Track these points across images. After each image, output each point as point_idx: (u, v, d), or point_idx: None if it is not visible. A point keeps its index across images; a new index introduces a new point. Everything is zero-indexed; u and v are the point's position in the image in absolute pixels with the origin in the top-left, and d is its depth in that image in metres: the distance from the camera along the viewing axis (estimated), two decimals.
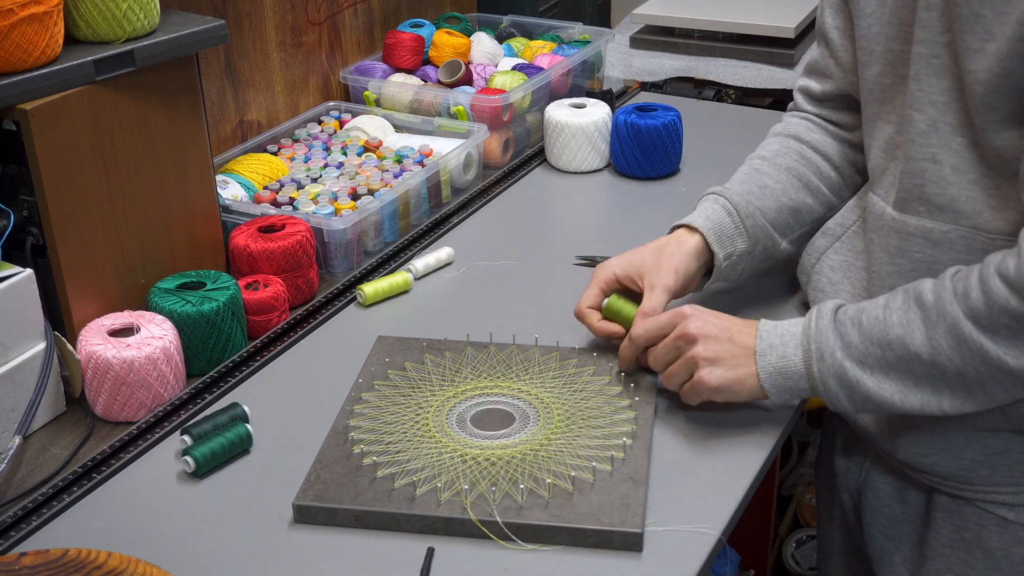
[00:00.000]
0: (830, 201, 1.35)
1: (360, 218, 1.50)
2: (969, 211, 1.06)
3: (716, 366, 1.13)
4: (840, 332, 1.07)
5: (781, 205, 1.31)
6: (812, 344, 1.08)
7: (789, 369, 1.10)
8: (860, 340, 1.06)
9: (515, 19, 2.18)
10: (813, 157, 1.34)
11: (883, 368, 1.05)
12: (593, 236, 1.61)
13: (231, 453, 1.16)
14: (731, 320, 1.15)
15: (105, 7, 1.23)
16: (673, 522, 1.06)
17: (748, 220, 1.28)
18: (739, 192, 1.30)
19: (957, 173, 1.05)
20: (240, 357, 1.32)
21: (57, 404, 1.24)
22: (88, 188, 1.25)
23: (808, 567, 2.13)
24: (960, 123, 1.04)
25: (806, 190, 1.33)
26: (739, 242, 1.28)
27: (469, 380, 1.25)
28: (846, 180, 1.35)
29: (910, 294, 1.05)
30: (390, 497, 1.07)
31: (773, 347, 1.11)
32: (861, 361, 1.06)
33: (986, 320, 0.98)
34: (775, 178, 1.32)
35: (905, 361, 1.03)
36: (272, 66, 1.76)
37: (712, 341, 1.13)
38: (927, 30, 1.04)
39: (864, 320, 1.06)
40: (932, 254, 1.09)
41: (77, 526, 1.09)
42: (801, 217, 1.34)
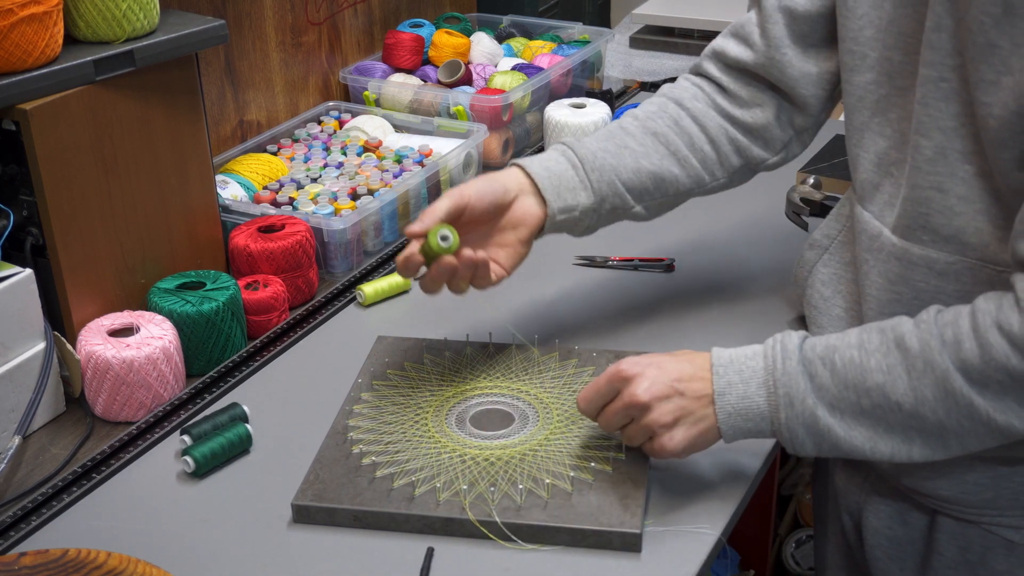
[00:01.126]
0: (699, 175, 1.26)
1: (360, 218, 1.50)
2: (976, 243, 1.00)
3: (675, 428, 1.04)
4: (810, 373, 1.00)
5: (640, 168, 1.23)
6: (780, 388, 1.01)
7: (751, 411, 1.02)
8: (833, 383, 0.99)
9: (515, 19, 2.18)
10: (689, 127, 1.25)
11: (855, 414, 0.99)
12: (593, 236, 1.60)
13: (231, 453, 1.16)
14: (676, 365, 1.05)
15: (105, 7, 1.23)
16: (673, 522, 1.06)
17: (594, 174, 1.20)
18: (591, 148, 1.22)
19: (964, 203, 1.00)
20: (240, 357, 1.32)
21: (57, 404, 1.24)
22: (88, 188, 1.25)
23: (808, 567, 2.13)
24: (968, 150, 0.98)
25: (672, 158, 1.25)
26: (582, 196, 1.20)
27: (468, 380, 1.25)
28: (721, 157, 1.27)
29: (888, 335, 0.98)
30: (389, 497, 1.07)
31: (732, 385, 1.03)
32: (832, 406, 0.99)
33: (978, 375, 0.93)
34: (639, 140, 1.24)
35: (882, 409, 0.98)
36: (272, 66, 1.76)
37: (664, 402, 1.03)
38: (936, 52, 0.97)
39: (838, 361, 0.99)
40: (936, 284, 1.03)
41: (77, 526, 1.09)
42: (664, 186, 1.25)
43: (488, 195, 1.17)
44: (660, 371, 1.04)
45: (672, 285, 1.47)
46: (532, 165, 1.21)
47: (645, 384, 1.03)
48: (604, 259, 1.53)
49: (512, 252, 1.20)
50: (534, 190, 1.20)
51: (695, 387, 1.04)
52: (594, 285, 1.48)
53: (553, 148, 1.24)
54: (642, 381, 1.04)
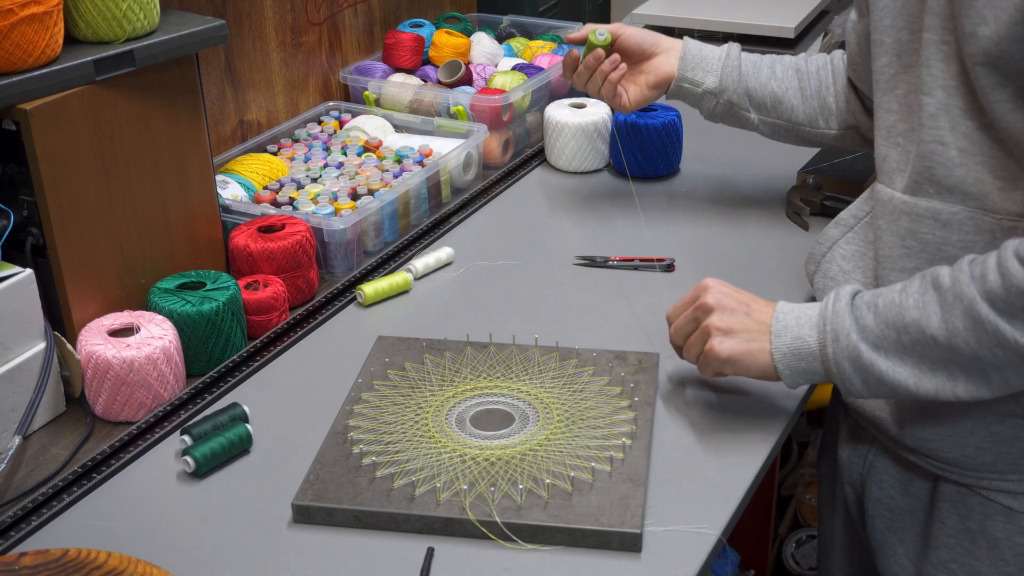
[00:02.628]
0: (814, 116, 1.47)
1: (360, 218, 1.50)
2: (976, 192, 1.07)
3: (729, 337, 1.14)
4: (856, 315, 1.08)
5: (767, 85, 1.47)
6: (828, 325, 1.09)
7: (803, 350, 1.11)
8: (875, 323, 1.06)
9: (515, 19, 2.18)
10: (827, 78, 1.46)
11: (898, 351, 1.05)
12: (593, 236, 1.61)
13: (231, 453, 1.16)
14: (751, 297, 1.17)
15: (105, 7, 1.23)
16: (673, 522, 1.06)
17: (728, 68, 1.47)
18: (749, 58, 1.48)
19: (965, 155, 1.06)
20: (240, 357, 1.32)
21: (57, 404, 1.24)
22: (88, 188, 1.25)
23: (808, 567, 2.13)
24: (969, 107, 1.05)
25: (799, 93, 1.47)
26: (709, 79, 1.48)
27: (469, 380, 1.25)
28: (838, 110, 1.46)
29: (927, 278, 1.05)
30: (389, 497, 1.07)
31: (788, 328, 1.12)
32: (876, 344, 1.06)
33: (1003, 302, 0.98)
34: (782, 70, 1.48)
35: (921, 344, 1.03)
36: (272, 66, 1.76)
37: (728, 313, 1.15)
38: (935, 17, 1.06)
39: (880, 304, 1.07)
40: (941, 235, 1.10)
41: (77, 526, 1.09)
42: (780, 108, 1.48)
43: (640, 37, 1.50)
44: (734, 291, 1.18)
45: (672, 285, 1.46)
46: (690, 42, 1.51)
47: (717, 294, 1.17)
48: (604, 259, 1.53)
49: (639, 91, 1.51)
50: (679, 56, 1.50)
51: (758, 314, 1.15)
52: (594, 285, 1.48)
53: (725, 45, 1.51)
54: (714, 292, 1.17)
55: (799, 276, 1.41)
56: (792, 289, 1.41)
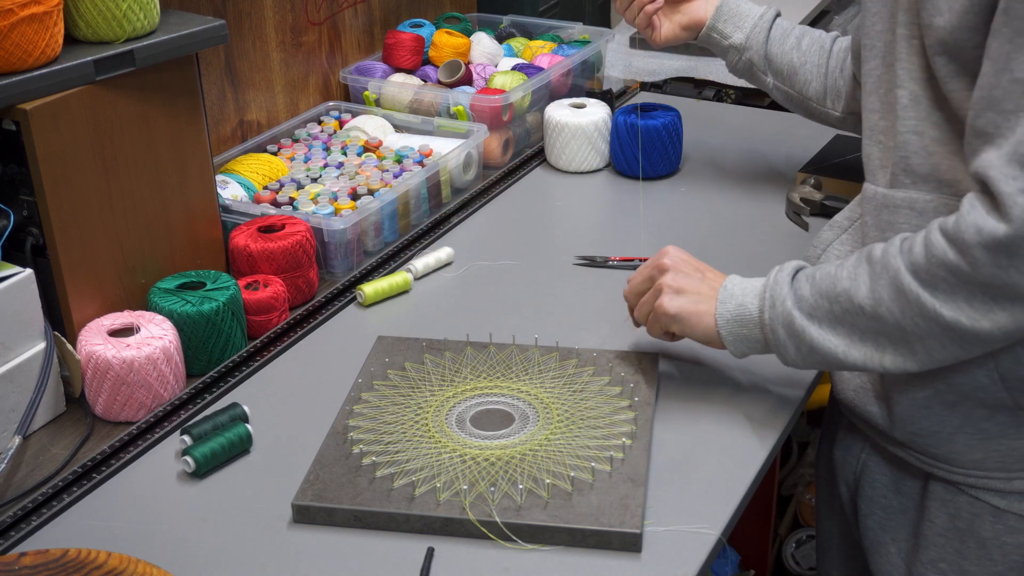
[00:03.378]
0: (823, 92, 1.53)
1: (360, 218, 1.50)
2: (950, 179, 1.09)
3: (679, 295, 1.19)
4: (795, 286, 1.12)
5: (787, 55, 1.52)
6: (767, 294, 1.13)
7: (744, 317, 1.15)
8: (811, 293, 1.10)
9: (515, 19, 2.18)
10: (844, 63, 1.50)
11: (830, 321, 1.08)
12: (593, 236, 1.61)
13: (231, 453, 1.16)
14: (707, 266, 1.22)
15: (105, 7, 1.23)
16: (673, 522, 1.06)
17: (758, 28, 1.52)
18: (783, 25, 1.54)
19: (937, 144, 1.09)
20: (240, 357, 1.32)
21: (57, 404, 1.24)
22: (88, 188, 1.25)
23: (808, 567, 2.13)
24: (938, 97, 1.08)
25: (816, 70, 1.52)
26: (737, 34, 1.53)
27: (469, 380, 1.25)
28: (846, 97, 1.50)
29: (863, 253, 1.08)
30: (389, 497, 1.07)
31: (733, 296, 1.16)
32: (810, 313, 1.09)
33: (925, 273, 1.01)
34: (807, 45, 1.53)
35: (850, 314, 1.07)
36: (272, 66, 1.76)
37: (682, 275, 1.20)
38: (904, 12, 1.09)
39: (817, 276, 1.11)
40: (917, 223, 1.12)
41: (77, 526, 1.09)
42: (794, 79, 1.54)
43: None
44: (691, 258, 1.23)
45: None
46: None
47: (674, 257, 1.22)
48: (604, 259, 1.53)
49: (671, 28, 1.58)
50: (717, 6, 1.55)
51: (711, 280, 1.20)
52: (594, 285, 1.48)
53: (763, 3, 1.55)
54: (673, 254, 1.22)
55: None
56: None
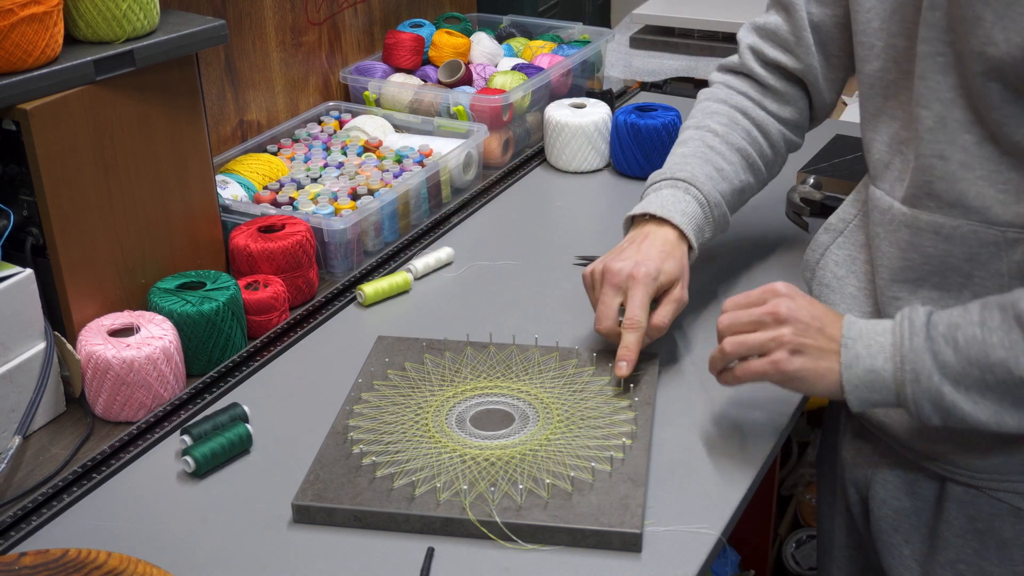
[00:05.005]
0: (765, 180, 1.42)
1: (360, 218, 1.50)
2: (978, 206, 1.05)
3: (798, 354, 1.08)
4: (934, 350, 1.03)
5: (733, 188, 1.36)
6: (907, 365, 1.04)
7: (877, 384, 1.06)
8: (956, 360, 1.02)
9: (515, 19, 2.18)
10: (758, 137, 1.38)
11: (980, 389, 1.02)
12: (593, 236, 1.61)
13: (231, 453, 1.16)
14: (823, 310, 1.11)
15: (105, 7, 1.23)
16: (673, 522, 1.06)
17: (716, 210, 1.33)
18: (704, 181, 1.32)
19: (965, 169, 1.05)
20: (240, 357, 1.32)
21: (57, 404, 1.24)
22: (88, 188, 1.25)
23: (808, 567, 2.13)
24: (967, 119, 1.04)
25: (751, 171, 1.38)
26: (707, 232, 1.34)
27: (469, 380, 1.25)
28: (778, 159, 1.42)
29: (1009, 312, 1.01)
30: (389, 497, 1.07)
31: (859, 358, 1.06)
32: (957, 381, 1.02)
33: None
34: (728, 159, 1.36)
35: (1006, 384, 1.01)
36: (272, 66, 1.76)
37: (801, 325, 1.09)
38: (931, 29, 1.04)
39: (960, 339, 1.02)
40: (944, 248, 1.09)
41: (77, 526, 1.09)
42: (743, 197, 1.40)
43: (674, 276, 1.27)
44: (809, 303, 1.11)
45: None
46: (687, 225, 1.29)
47: (794, 304, 1.09)
48: None
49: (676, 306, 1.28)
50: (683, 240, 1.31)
51: (830, 331, 1.09)
52: None
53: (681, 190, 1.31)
54: (792, 300, 1.10)
55: (799, 276, 1.41)
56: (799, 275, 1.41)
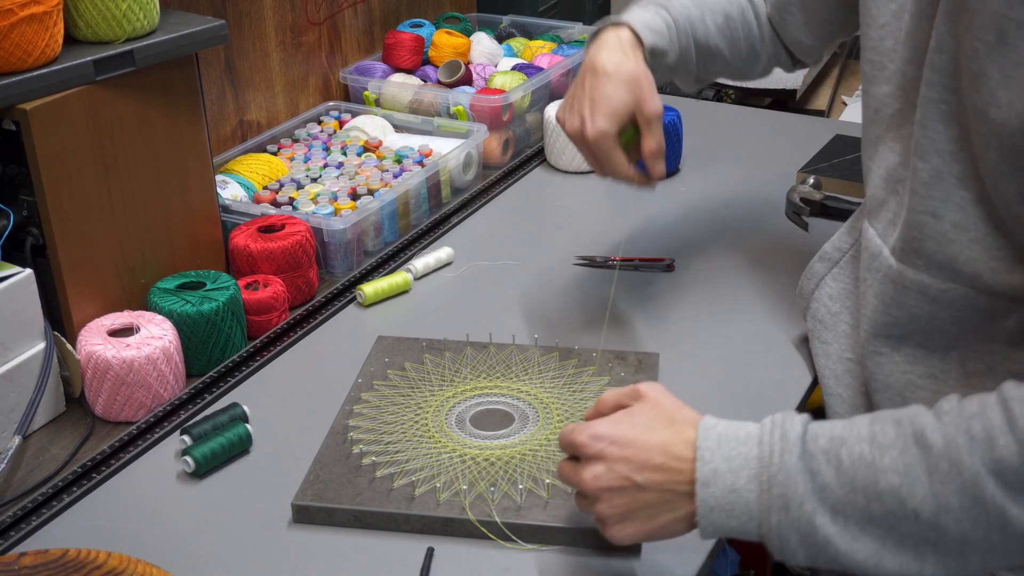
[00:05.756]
0: (740, 66, 1.36)
1: (360, 218, 1.50)
2: (969, 272, 0.95)
3: (626, 522, 0.91)
4: (811, 469, 0.86)
5: (708, 45, 1.30)
6: (775, 488, 0.86)
7: (736, 507, 0.87)
8: (838, 483, 0.85)
9: (515, 19, 2.18)
10: (752, 21, 1.33)
11: (861, 523, 0.84)
12: (593, 236, 1.61)
13: (231, 453, 1.16)
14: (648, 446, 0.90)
15: (105, 7, 1.23)
16: None
17: (683, 39, 1.27)
18: (682, 12, 1.27)
19: (958, 230, 0.95)
20: (240, 357, 1.32)
21: (57, 404, 1.24)
22: (88, 188, 1.25)
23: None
24: (966, 175, 0.93)
25: (730, 46, 1.32)
26: (668, 57, 1.26)
27: (468, 380, 1.25)
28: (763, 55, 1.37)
29: (906, 428, 0.85)
30: (389, 497, 1.07)
31: (718, 474, 0.88)
32: (835, 510, 0.85)
33: (1016, 478, 0.80)
34: (715, 19, 1.30)
35: (895, 517, 0.83)
36: (272, 66, 1.76)
37: (616, 494, 0.91)
38: (937, 73, 0.93)
39: (845, 457, 0.85)
40: (930, 310, 1.00)
41: (77, 526, 1.09)
42: (712, 63, 1.33)
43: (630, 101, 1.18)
44: (624, 453, 0.90)
45: (672, 285, 1.47)
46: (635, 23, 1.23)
47: (598, 470, 0.91)
48: (604, 259, 1.52)
49: None
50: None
51: (664, 479, 0.89)
52: (594, 285, 1.48)
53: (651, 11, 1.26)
54: (595, 466, 0.91)
55: (799, 276, 1.41)
56: (790, 289, 1.41)
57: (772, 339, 1.33)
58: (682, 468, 0.89)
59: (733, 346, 1.33)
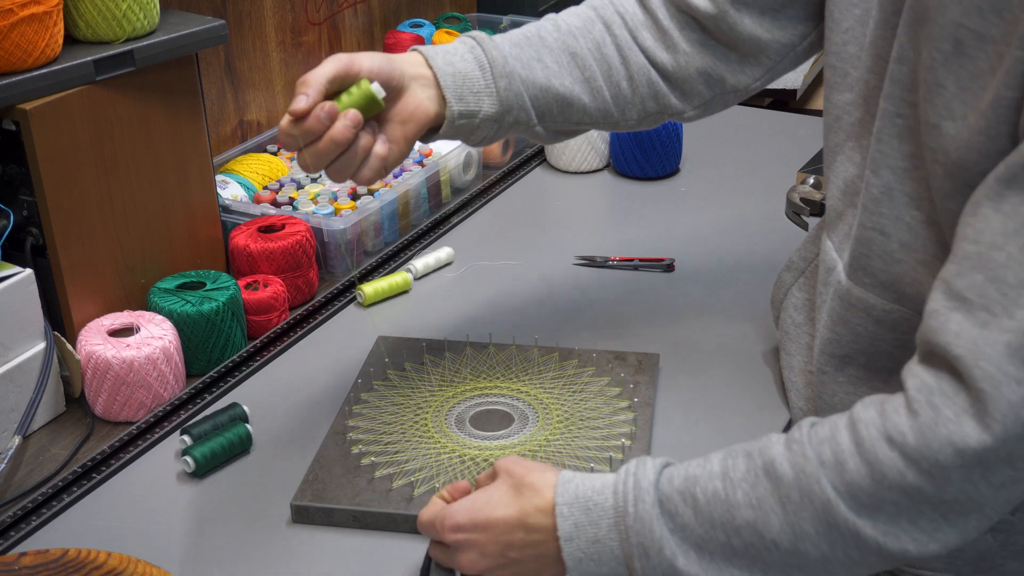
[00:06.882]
0: (608, 111, 1.13)
1: (360, 218, 1.50)
2: (913, 294, 0.93)
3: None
4: (669, 512, 0.86)
5: (550, 87, 1.09)
6: (632, 536, 0.86)
7: (603, 555, 0.87)
8: (697, 523, 0.85)
9: (515, 19, 2.18)
10: (611, 56, 1.12)
11: (726, 556, 0.85)
12: (593, 236, 1.61)
13: (231, 453, 1.16)
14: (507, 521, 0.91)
15: (105, 7, 1.23)
16: None
17: (502, 81, 1.06)
18: (503, 50, 1.08)
19: (906, 250, 0.92)
20: (240, 357, 1.32)
21: (57, 404, 1.24)
22: (88, 188, 1.25)
23: None
24: (918, 195, 0.90)
25: (585, 86, 1.11)
26: (486, 103, 1.06)
27: (468, 380, 1.25)
28: (636, 98, 1.13)
29: (756, 461, 0.85)
30: (388, 497, 1.07)
31: (580, 527, 0.88)
32: (700, 547, 0.85)
33: (867, 499, 0.80)
34: (555, 57, 1.10)
35: (756, 548, 0.84)
36: (272, 66, 1.76)
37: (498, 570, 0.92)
38: (896, 85, 0.90)
39: (700, 496, 0.85)
40: (874, 331, 0.97)
41: (77, 526, 1.10)
42: (569, 112, 1.11)
43: (383, 74, 1.02)
44: (490, 537, 0.91)
45: (672, 285, 1.47)
46: (436, 58, 1.06)
47: (472, 557, 0.92)
48: (604, 259, 1.53)
49: (395, 149, 1.04)
50: (435, 84, 1.05)
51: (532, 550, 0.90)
52: (594, 285, 1.48)
53: (460, 41, 1.09)
54: (468, 554, 0.92)
55: None
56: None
57: (772, 339, 1.33)
58: (544, 538, 0.90)
59: (733, 346, 1.33)
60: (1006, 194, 0.76)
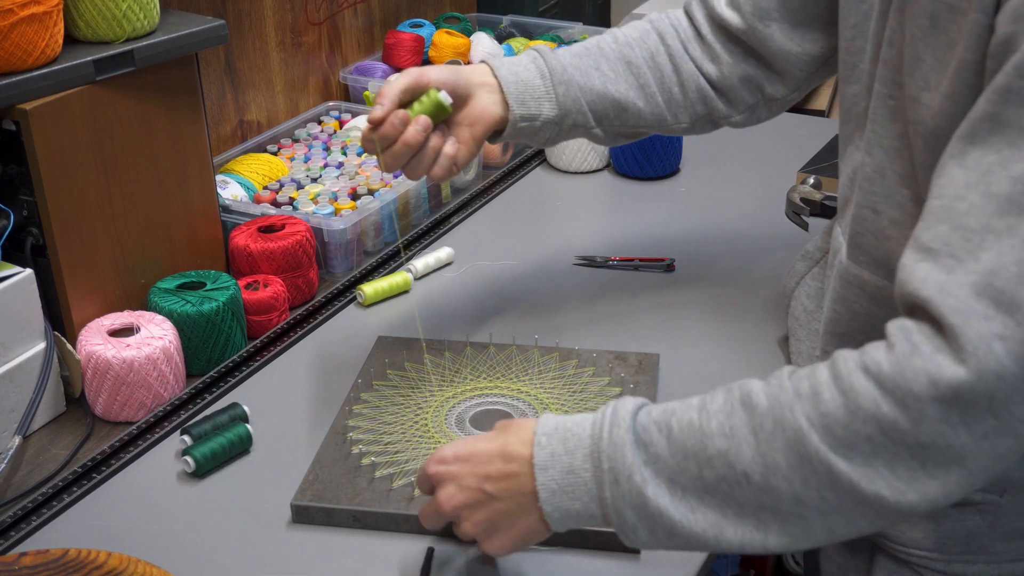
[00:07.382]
0: (661, 114, 1.23)
1: (360, 218, 1.50)
2: None
3: (494, 536, 0.92)
4: (643, 441, 0.85)
5: (606, 92, 1.20)
6: (604, 462, 0.85)
7: (576, 487, 0.87)
8: (670, 452, 0.84)
9: (515, 19, 2.18)
10: (664, 64, 1.22)
11: (698, 492, 0.83)
12: (593, 236, 1.61)
13: (231, 453, 1.16)
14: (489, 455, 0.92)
15: (105, 7, 1.23)
16: None
17: (561, 88, 1.18)
18: (563, 60, 1.20)
19: (896, 227, 0.94)
20: (240, 357, 1.32)
21: (57, 404, 1.24)
22: (88, 188, 1.25)
23: None
24: (907, 173, 0.92)
25: (639, 91, 1.22)
26: (546, 107, 1.18)
27: (468, 380, 1.25)
28: (687, 102, 1.23)
29: (734, 394, 0.85)
30: (388, 497, 1.07)
31: (556, 457, 0.88)
32: (672, 480, 0.84)
33: (842, 431, 0.78)
34: (612, 66, 1.21)
35: (728, 483, 0.82)
36: (272, 66, 1.76)
37: (473, 510, 0.92)
38: (886, 67, 0.93)
39: (675, 425, 0.85)
40: (869, 308, 0.99)
41: (77, 526, 1.10)
42: (625, 115, 1.22)
43: (450, 84, 1.14)
44: (469, 468, 0.92)
45: (672, 285, 1.47)
46: (501, 68, 1.19)
47: (450, 490, 0.93)
48: (604, 259, 1.53)
49: (464, 149, 1.16)
50: (499, 91, 1.17)
51: (509, 484, 0.90)
52: (594, 285, 1.48)
53: (525, 53, 1.22)
54: (448, 487, 0.93)
55: None
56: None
57: (772, 339, 1.33)
58: (520, 469, 0.90)
59: (733, 346, 1.33)
60: (967, 150, 0.79)
